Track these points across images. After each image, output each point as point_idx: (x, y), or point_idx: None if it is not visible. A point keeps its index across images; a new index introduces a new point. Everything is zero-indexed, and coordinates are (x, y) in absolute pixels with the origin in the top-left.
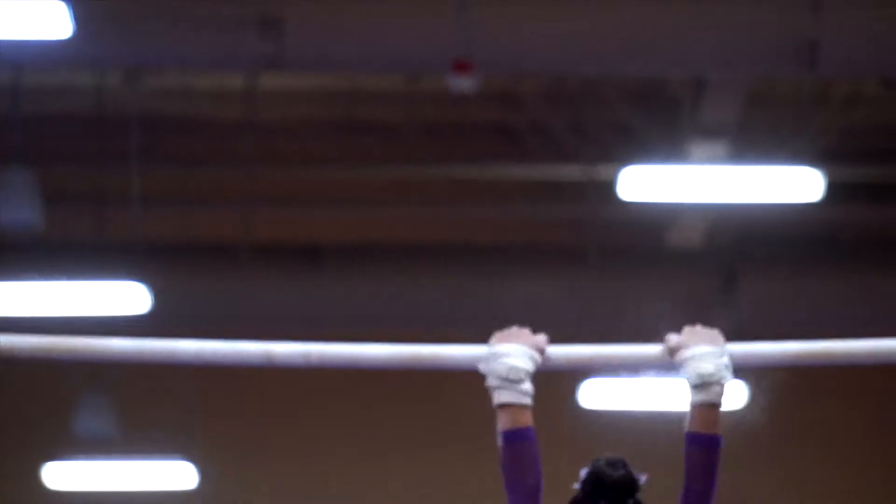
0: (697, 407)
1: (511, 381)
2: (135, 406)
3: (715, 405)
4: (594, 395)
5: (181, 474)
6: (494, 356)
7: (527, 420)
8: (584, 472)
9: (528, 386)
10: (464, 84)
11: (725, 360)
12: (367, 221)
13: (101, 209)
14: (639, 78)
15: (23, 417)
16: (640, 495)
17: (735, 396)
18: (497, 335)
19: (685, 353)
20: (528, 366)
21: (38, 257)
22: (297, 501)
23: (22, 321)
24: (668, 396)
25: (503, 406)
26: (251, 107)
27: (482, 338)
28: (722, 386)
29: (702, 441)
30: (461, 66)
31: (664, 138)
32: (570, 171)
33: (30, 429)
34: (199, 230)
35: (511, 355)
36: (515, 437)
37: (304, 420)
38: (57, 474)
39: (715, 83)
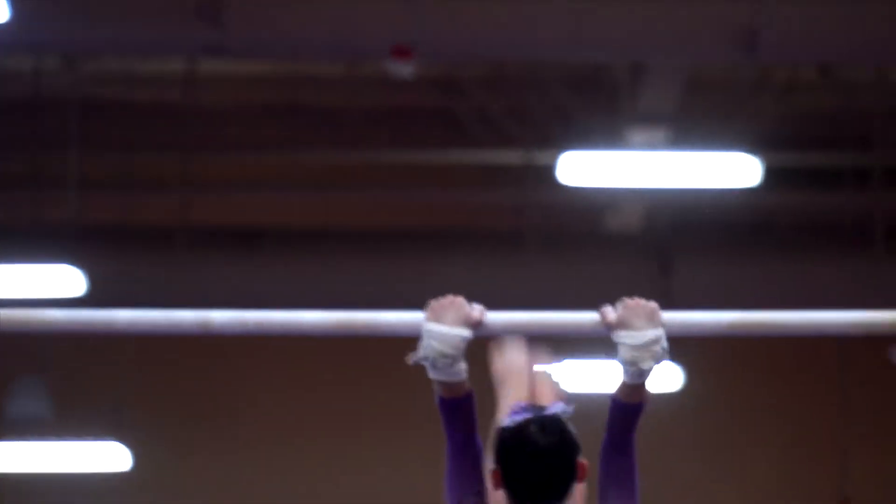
0: (625, 383)
1: (440, 368)
2: (69, 388)
3: (641, 384)
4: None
5: (115, 456)
6: (427, 334)
7: (459, 391)
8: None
9: (459, 367)
10: (404, 70)
11: (659, 345)
12: (306, 206)
13: (38, 193)
14: (578, 64)
15: None
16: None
17: (671, 380)
18: (432, 305)
19: (620, 334)
20: (457, 351)
21: None
22: (232, 484)
23: None
24: (608, 376)
25: (434, 380)
26: (191, 92)
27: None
28: (651, 368)
29: (624, 408)
30: (401, 52)
31: (603, 124)
32: (510, 156)
33: None
34: (137, 214)
35: (440, 340)
36: (448, 405)
37: (238, 402)
38: None
39: (654, 69)
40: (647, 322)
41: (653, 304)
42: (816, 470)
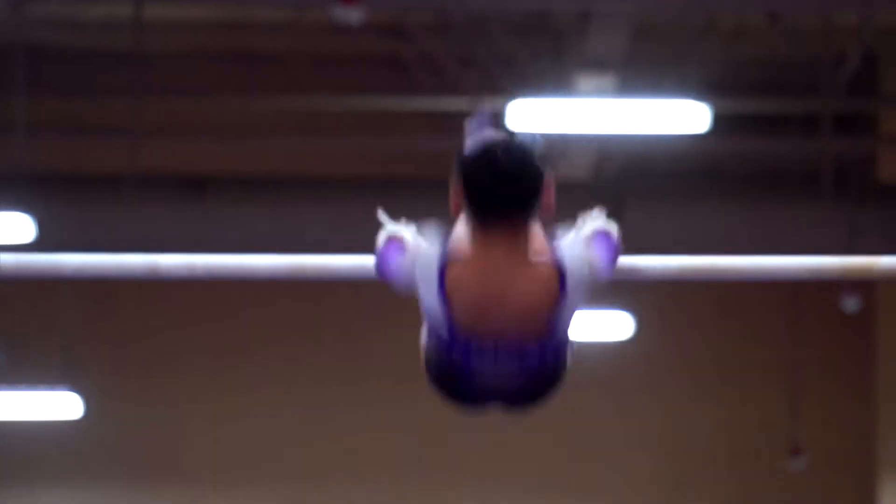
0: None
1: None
2: (20, 336)
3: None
4: None
5: (67, 404)
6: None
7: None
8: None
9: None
10: (350, 15)
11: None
12: (252, 152)
13: None
14: (525, 10)
15: None
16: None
17: (621, 328)
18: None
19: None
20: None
21: None
22: (183, 431)
23: None
24: (602, 327)
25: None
26: (138, 37)
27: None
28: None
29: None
30: None
31: (551, 70)
32: (457, 103)
33: None
34: (84, 160)
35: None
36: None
37: (188, 348)
38: None
39: (601, 15)
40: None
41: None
42: (767, 419)
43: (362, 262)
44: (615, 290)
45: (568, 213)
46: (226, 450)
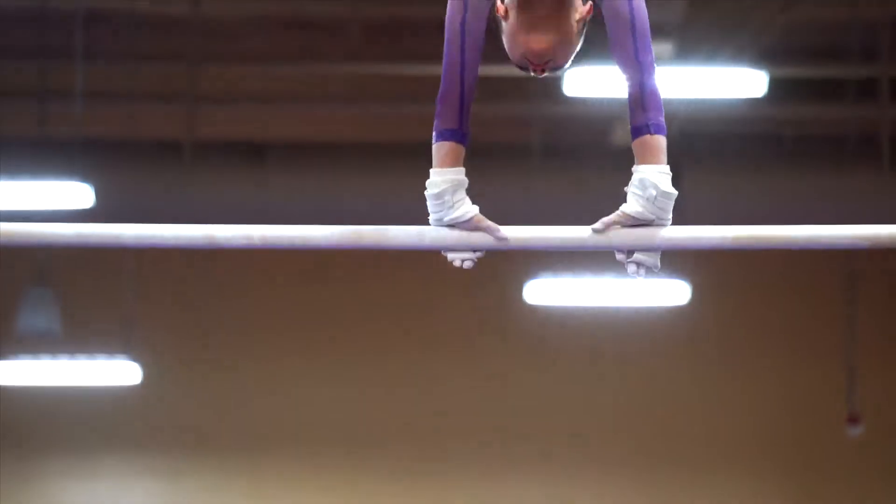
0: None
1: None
2: (79, 304)
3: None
4: (540, 292)
5: (125, 372)
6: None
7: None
8: None
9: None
10: None
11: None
12: (311, 119)
13: (44, 106)
14: None
15: None
16: None
17: (678, 295)
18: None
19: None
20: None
21: None
22: (238, 397)
23: None
24: (613, 293)
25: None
26: (196, 4)
27: None
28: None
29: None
30: None
31: (607, 37)
32: (513, 70)
33: None
34: (142, 128)
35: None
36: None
37: (244, 318)
38: (2, 372)
39: None
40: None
41: None
42: (825, 386)
43: (419, 231)
44: (671, 257)
45: (624, 179)
46: (280, 417)
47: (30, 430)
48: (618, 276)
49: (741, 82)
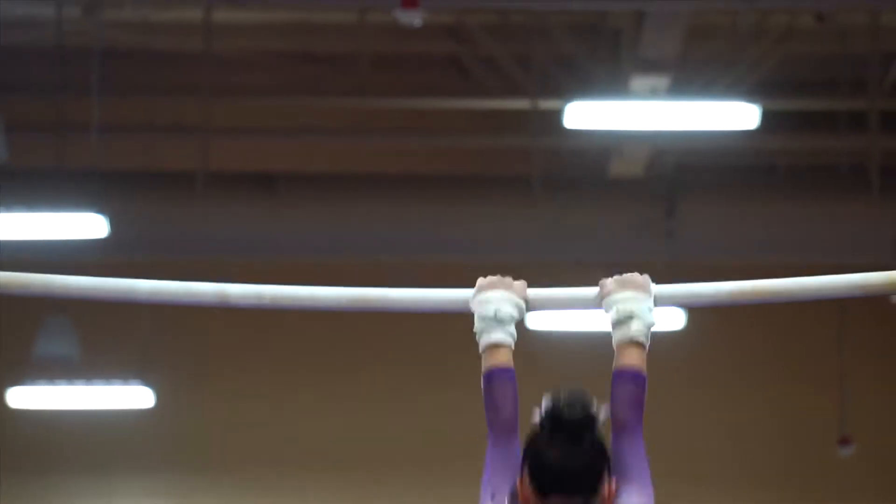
0: (621, 344)
1: (498, 322)
2: (95, 331)
3: (637, 342)
4: (539, 318)
5: (139, 396)
6: (481, 302)
7: (507, 361)
8: (543, 406)
9: (512, 329)
10: (412, 18)
11: (649, 303)
12: (319, 151)
13: (61, 139)
14: (581, 11)
15: None
16: (599, 428)
17: (673, 320)
18: (481, 282)
19: (612, 296)
20: (514, 312)
21: (0, 186)
22: (247, 421)
23: None
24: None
25: (488, 347)
26: (208, 39)
27: (433, 265)
28: (644, 324)
29: (625, 375)
30: (409, 1)
31: (607, 71)
32: (516, 103)
33: None
34: (157, 159)
35: (497, 301)
36: (494, 377)
37: (254, 346)
38: (21, 396)
39: (655, 17)
40: (636, 290)
41: (645, 276)
42: (816, 409)
43: (423, 294)
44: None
45: (623, 209)
46: (287, 440)
47: (48, 451)
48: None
49: (735, 115)
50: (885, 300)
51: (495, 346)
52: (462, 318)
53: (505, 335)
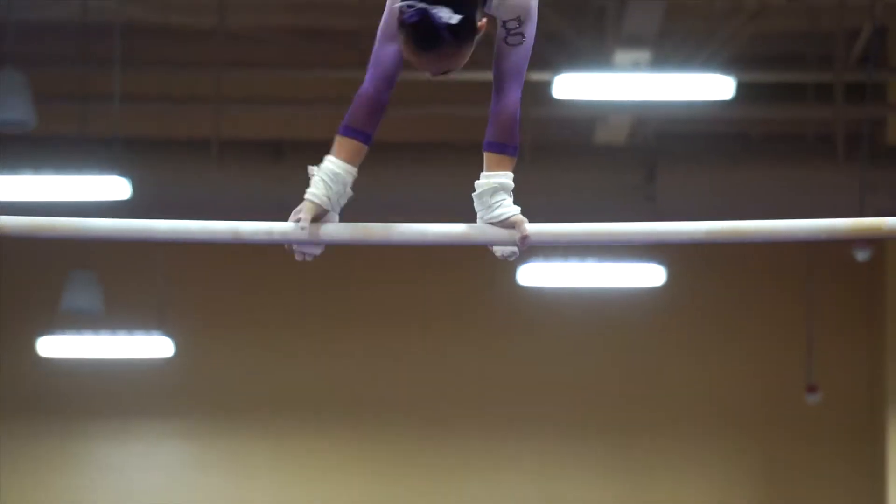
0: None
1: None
2: (118, 285)
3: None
4: (532, 274)
5: (159, 346)
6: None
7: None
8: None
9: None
10: None
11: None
12: (324, 119)
13: (85, 107)
14: None
15: (19, 296)
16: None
17: (653, 278)
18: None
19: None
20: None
21: (28, 151)
22: (261, 369)
23: (14, 206)
24: (603, 275)
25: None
26: (222, 16)
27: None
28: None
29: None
30: None
31: (592, 46)
32: None
33: (26, 305)
34: (174, 127)
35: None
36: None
37: (269, 295)
38: (50, 345)
39: None
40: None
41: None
42: (786, 360)
43: (426, 228)
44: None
45: (607, 174)
46: (299, 387)
47: (73, 398)
48: (599, 260)
49: (711, 87)
50: (850, 257)
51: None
52: (459, 278)
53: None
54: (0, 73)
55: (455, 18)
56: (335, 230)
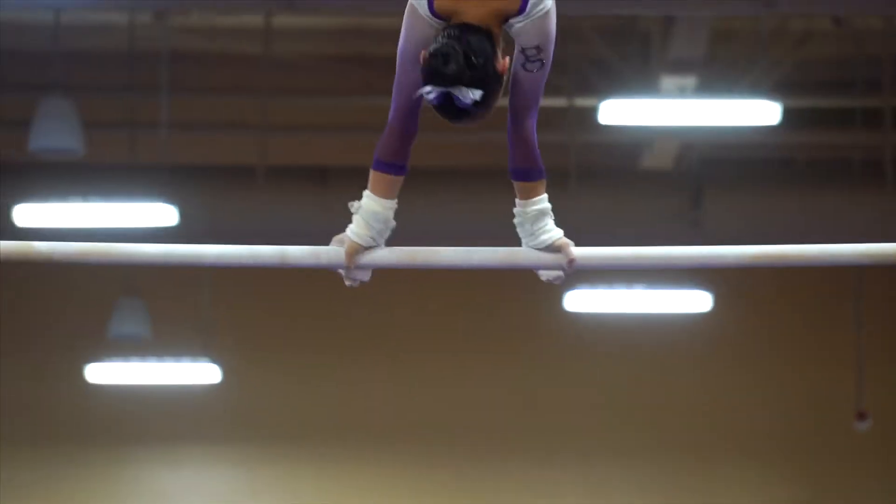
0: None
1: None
2: (165, 312)
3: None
4: (579, 300)
5: (205, 372)
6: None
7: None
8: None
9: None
10: None
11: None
12: (368, 146)
13: (133, 135)
14: (614, 17)
15: (68, 323)
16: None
17: (700, 304)
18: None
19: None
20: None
21: (76, 178)
22: (306, 395)
23: (62, 233)
24: (650, 301)
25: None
26: (268, 43)
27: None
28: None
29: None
30: None
31: (638, 71)
32: (554, 101)
33: (74, 333)
34: (220, 154)
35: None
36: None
37: (314, 324)
38: (97, 372)
39: (682, 21)
40: None
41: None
42: (835, 386)
43: (472, 253)
44: (696, 270)
45: (653, 200)
46: (345, 412)
47: (122, 424)
48: (646, 286)
49: (757, 112)
50: None
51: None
52: (506, 302)
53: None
54: (49, 100)
55: (478, 94)
56: (381, 255)
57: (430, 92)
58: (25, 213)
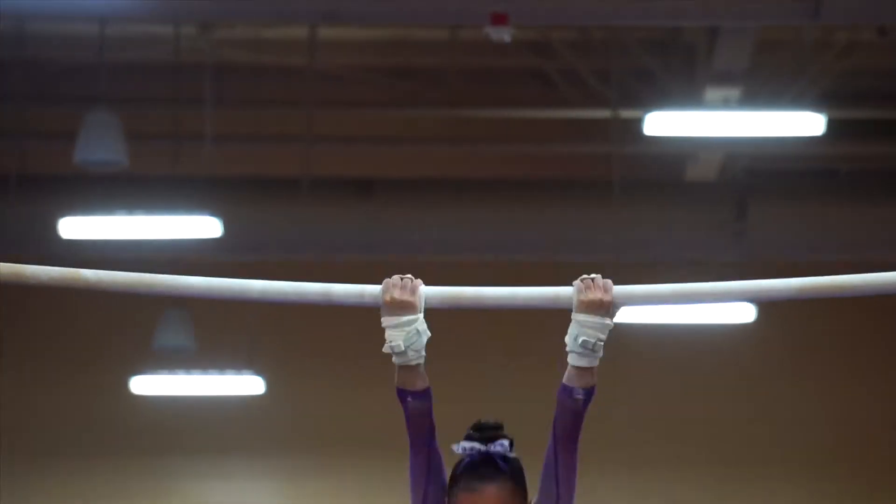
0: (574, 367)
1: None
2: (210, 325)
3: (589, 367)
4: (622, 311)
5: (250, 384)
6: (389, 327)
7: (415, 381)
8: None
9: (420, 349)
10: (501, 34)
11: (608, 329)
12: (413, 158)
13: (177, 147)
14: (658, 28)
15: (113, 335)
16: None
17: (744, 314)
18: (386, 295)
19: (578, 316)
20: (417, 339)
21: (121, 191)
22: (349, 406)
23: (107, 245)
24: (693, 311)
25: (398, 366)
26: (312, 55)
27: (519, 264)
28: (597, 352)
29: (573, 392)
30: (498, 18)
31: (682, 82)
32: (597, 112)
33: (119, 345)
34: (264, 166)
35: (399, 336)
36: (406, 401)
37: (356, 336)
38: (143, 384)
39: (727, 32)
40: (596, 309)
41: (608, 282)
42: (885, 396)
43: (517, 292)
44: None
45: (697, 212)
46: (389, 423)
47: (168, 435)
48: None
49: (801, 123)
50: None
51: (405, 366)
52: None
53: (414, 356)
54: (93, 113)
55: (512, 453)
56: (427, 293)
57: (471, 449)
58: (71, 226)
